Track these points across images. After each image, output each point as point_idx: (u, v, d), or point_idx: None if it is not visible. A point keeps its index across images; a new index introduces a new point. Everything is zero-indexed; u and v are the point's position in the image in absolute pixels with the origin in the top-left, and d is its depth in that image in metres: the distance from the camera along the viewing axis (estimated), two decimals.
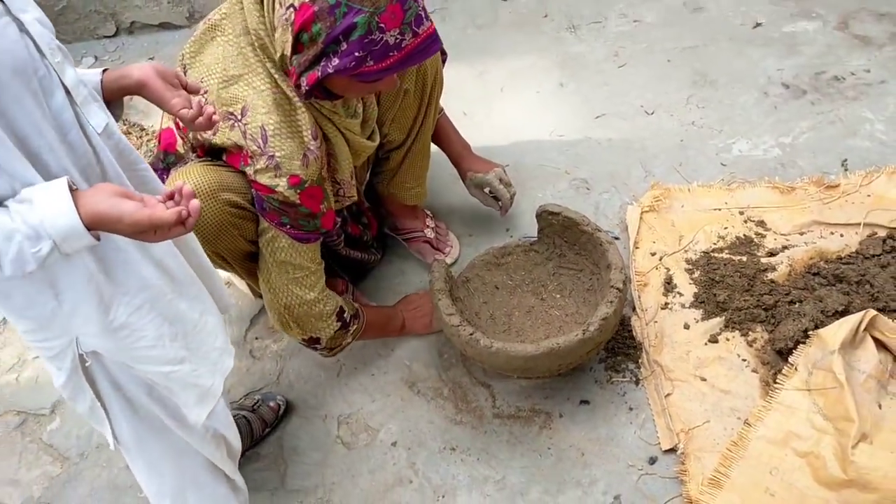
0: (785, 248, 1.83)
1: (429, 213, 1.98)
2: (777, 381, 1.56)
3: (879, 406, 1.51)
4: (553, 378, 1.66)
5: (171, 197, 0.92)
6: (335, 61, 1.20)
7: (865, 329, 1.54)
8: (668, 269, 1.82)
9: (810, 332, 1.57)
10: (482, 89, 2.41)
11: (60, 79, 0.93)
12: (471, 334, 1.48)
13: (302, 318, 1.48)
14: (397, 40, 1.19)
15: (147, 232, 0.90)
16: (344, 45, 1.18)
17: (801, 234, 1.86)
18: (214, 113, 1.09)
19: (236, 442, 1.36)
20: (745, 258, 1.81)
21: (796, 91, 2.24)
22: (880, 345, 1.55)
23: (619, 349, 1.69)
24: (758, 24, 2.49)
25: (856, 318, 1.54)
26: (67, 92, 0.94)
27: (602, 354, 1.69)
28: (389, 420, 1.67)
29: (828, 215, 1.88)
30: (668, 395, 1.60)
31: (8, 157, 0.86)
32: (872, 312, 1.54)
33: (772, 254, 1.82)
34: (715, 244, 1.85)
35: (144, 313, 1.08)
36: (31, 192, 0.86)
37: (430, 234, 1.92)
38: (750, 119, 2.17)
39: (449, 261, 1.90)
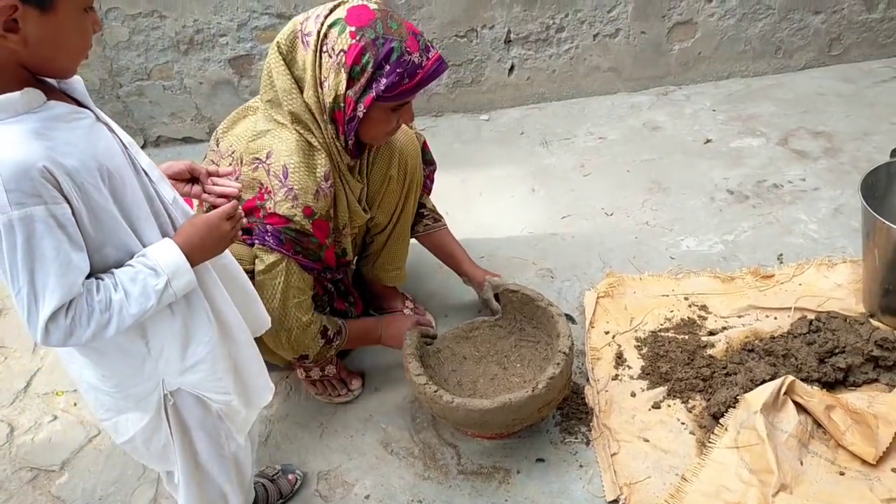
0: (724, 328, 2.05)
1: (408, 296, 2.23)
2: (710, 440, 1.74)
3: (801, 462, 1.68)
4: (512, 438, 1.85)
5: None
6: (383, 81, 1.52)
7: (786, 393, 1.74)
8: (619, 346, 2.03)
9: (738, 397, 1.77)
10: (464, 193, 2.71)
11: (139, 164, 1.21)
12: (435, 391, 1.69)
13: (297, 339, 1.73)
14: (420, 60, 1.54)
15: (223, 227, 1.21)
16: (387, 67, 1.51)
17: (739, 316, 2.08)
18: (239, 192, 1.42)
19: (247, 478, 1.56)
20: (687, 337, 2.03)
21: (740, 196, 2.54)
22: (801, 408, 1.75)
23: (572, 414, 1.88)
24: (708, 141, 2.83)
25: (776, 383, 1.74)
26: (145, 173, 1.21)
27: (557, 418, 1.88)
28: (364, 476, 1.84)
29: (763, 301, 2.11)
30: (615, 454, 1.78)
31: (124, 234, 1.13)
32: (791, 378, 1.75)
33: (712, 333, 2.04)
34: (662, 325, 2.08)
35: (213, 349, 1.29)
36: (143, 251, 1.14)
37: (408, 312, 2.16)
38: (697, 220, 2.45)
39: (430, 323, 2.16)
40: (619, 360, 2.00)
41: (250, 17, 2.88)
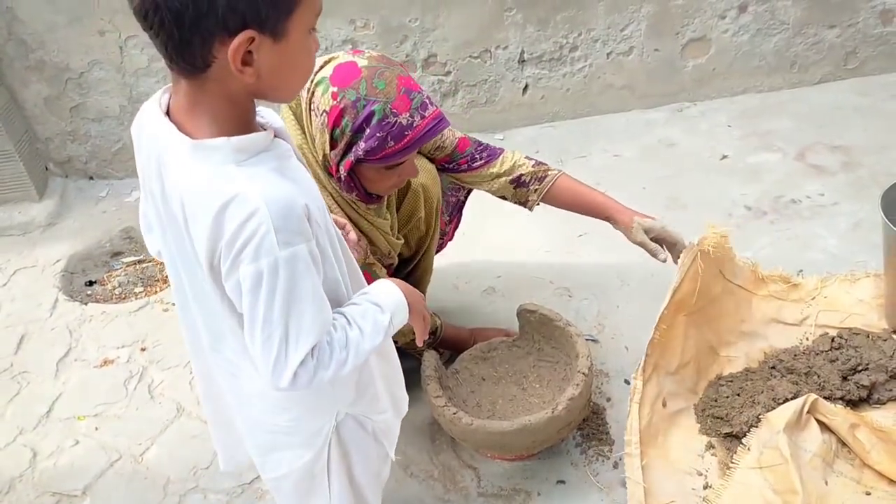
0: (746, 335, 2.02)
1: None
2: (732, 461, 1.72)
3: (826, 483, 1.66)
4: (532, 460, 1.84)
5: None
6: (362, 145, 1.47)
7: (809, 412, 1.72)
8: (677, 332, 1.91)
9: (761, 417, 1.75)
10: (480, 212, 2.70)
11: None
12: (454, 413, 1.69)
13: None
14: (409, 122, 1.47)
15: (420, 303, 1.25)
16: (367, 130, 1.46)
17: (763, 331, 2.06)
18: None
19: None
20: (707, 352, 2.00)
21: (758, 212, 2.52)
22: (824, 427, 1.72)
23: (592, 435, 1.87)
24: (724, 157, 2.82)
25: (799, 401, 1.72)
26: None
27: (577, 439, 1.87)
28: (384, 499, 1.82)
29: (785, 315, 2.08)
30: (642, 467, 1.76)
31: (335, 272, 1.12)
32: (814, 396, 1.73)
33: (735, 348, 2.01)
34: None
35: (374, 370, 1.29)
36: (366, 289, 1.17)
37: None
38: None
39: None
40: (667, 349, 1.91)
41: None
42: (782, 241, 2.39)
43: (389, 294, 1.15)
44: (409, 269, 2.05)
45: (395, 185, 1.66)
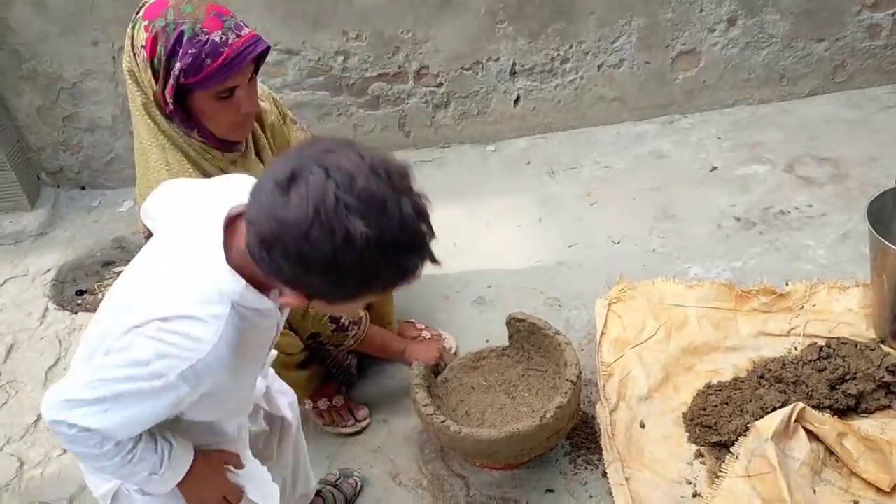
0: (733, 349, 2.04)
1: (420, 325, 2.23)
2: (721, 469, 1.72)
3: (814, 491, 1.66)
4: (521, 469, 1.83)
5: None
6: (178, 65, 1.46)
7: (797, 420, 1.72)
8: (630, 363, 2.01)
9: (749, 425, 1.75)
10: (470, 224, 2.72)
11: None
12: (442, 422, 1.68)
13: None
14: (223, 39, 1.46)
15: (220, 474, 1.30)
16: (180, 51, 1.44)
17: (750, 343, 2.07)
18: None
19: None
20: (696, 362, 2.01)
21: (747, 223, 2.54)
22: (812, 435, 1.73)
23: (581, 444, 1.87)
24: (714, 168, 2.84)
25: (787, 410, 1.72)
26: None
27: (566, 448, 1.87)
28: None
29: (772, 327, 2.10)
30: (627, 479, 1.76)
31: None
32: (801, 405, 1.73)
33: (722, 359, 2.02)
34: (671, 347, 2.06)
35: None
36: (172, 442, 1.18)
37: (426, 334, 2.18)
38: (705, 247, 2.45)
39: (449, 349, 2.15)
40: (630, 378, 1.97)
41: None
42: (771, 251, 2.40)
43: (179, 466, 1.17)
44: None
45: (237, 122, 1.60)
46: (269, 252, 0.90)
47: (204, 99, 1.52)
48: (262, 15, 2.82)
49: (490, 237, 2.65)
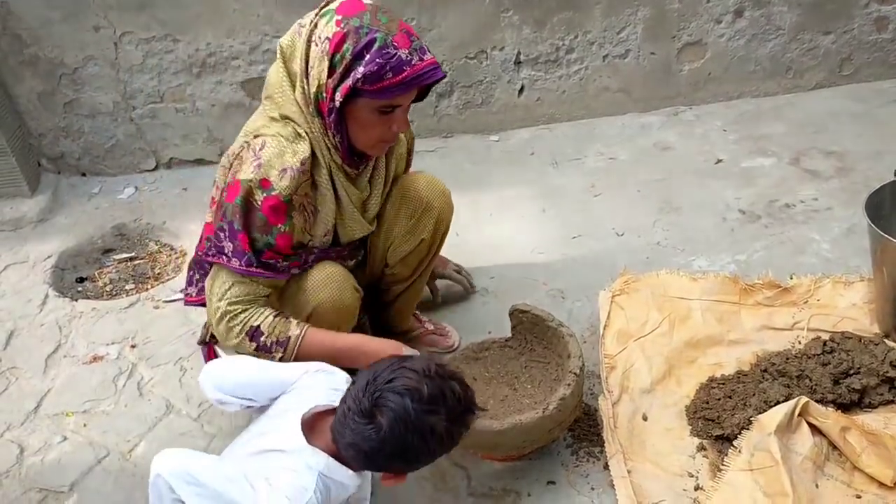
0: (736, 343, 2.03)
1: (416, 311, 2.22)
2: (723, 463, 1.72)
3: (816, 485, 1.66)
4: (523, 460, 1.83)
5: None
6: (361, 69, 1.48)
7: (800, 414, 1.72)
8: (633, 355, 2.00)
9: (752, 419, 1.75)
10: (474, 214, 2.71)
11: None
12: None
13: (211, 316, 1.67)
14: (409, 58, 1.49)
15: None
16: (367, 56, 1.47)
17: (754, 337, 2.06)
18: None
19: None
20: (699, 355, 2.00)
21: (752, 216, 2.52)
22: (815, 430, 1.72)
23: (583, 436, 1.86)
24: (719, 161, 2.82)
25: (790, 404, 1.72)
26: None
27: (568, 440, 1.86)
28: (373, 498, 1.82)
29: (776, 321, 2.09)
30: (629, 471, 1.75)
31: None
32: (805, 399, 1.72)
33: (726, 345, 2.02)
34: (674, 340, 2.05)
35: None
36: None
37: (429, 326, 2.17)
38: (709, 240, 2.44)
39: (452, 343, 2.16)
40: (633, 370, 1.97)
41: (262, 40, 2.91)
42: (776, 245, 2.39)
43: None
44: (404, 289, 2.05)
45: (384, 138, 1.63)
46: (373, 460, 1.33)
47: (365, 108, 1.55)
48: (266, 1, 2.81)
49: (493, 228, 2.64)
